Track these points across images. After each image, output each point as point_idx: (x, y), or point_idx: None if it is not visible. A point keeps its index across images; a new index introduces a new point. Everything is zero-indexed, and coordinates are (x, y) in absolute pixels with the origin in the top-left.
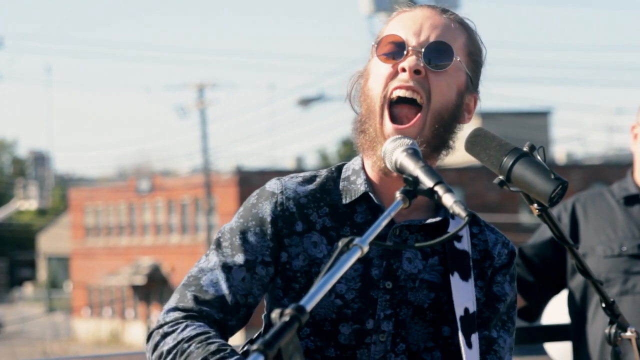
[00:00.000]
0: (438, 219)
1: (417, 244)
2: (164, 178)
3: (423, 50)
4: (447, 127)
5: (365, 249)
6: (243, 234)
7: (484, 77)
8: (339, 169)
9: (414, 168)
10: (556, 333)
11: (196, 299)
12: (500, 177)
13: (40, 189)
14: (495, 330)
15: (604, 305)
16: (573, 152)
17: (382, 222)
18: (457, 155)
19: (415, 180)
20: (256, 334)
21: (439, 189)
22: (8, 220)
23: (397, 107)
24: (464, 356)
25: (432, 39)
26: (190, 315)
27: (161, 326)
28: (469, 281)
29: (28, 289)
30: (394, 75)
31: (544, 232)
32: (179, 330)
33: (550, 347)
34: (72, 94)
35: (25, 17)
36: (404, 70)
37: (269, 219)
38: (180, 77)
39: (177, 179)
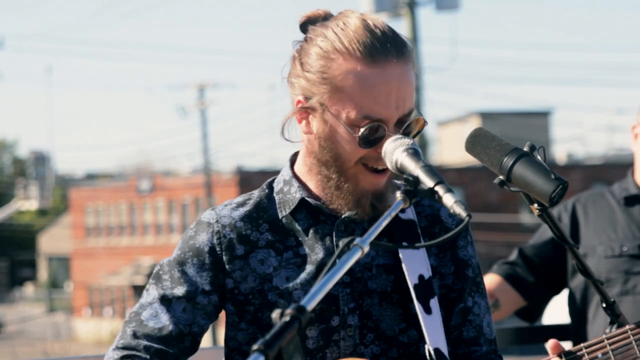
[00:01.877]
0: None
1: (417, 244)
2: (165, 178)
3: (401, 133)
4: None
5: (366, 249)
6: (181, 265)
7: (484, 78)
8: (270, 184)
9: (414, 168)
10: (556, 333)
11: (135, 334)
12: (501, 177)
13: (41, 189)
14: (470, 298)
15: (604, 305)
16: (573, 152)
17: (383, 222)
18: (458, 156)
19: (416, 180)
20: None
21: (439, 189)
22: (9, 220)
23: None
24: (422, 323)
25: (405, 112)
26: (127, 355)
27: None
28: (420, 249)
29: (29, 289)
30: (366, 152)
31: (545, 232)
32: None
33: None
34: (72, 94)
35: (25, 17)
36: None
37: (206, 249)
38: (181, 77)
39: (177, 179)
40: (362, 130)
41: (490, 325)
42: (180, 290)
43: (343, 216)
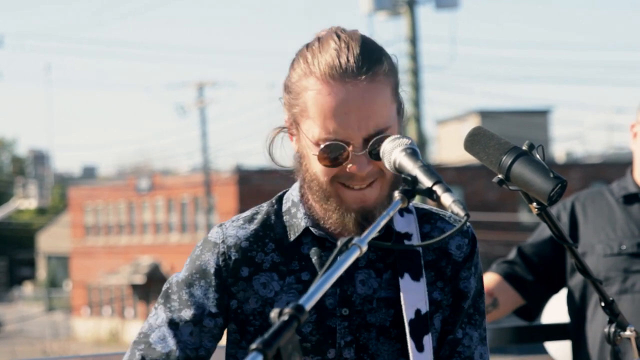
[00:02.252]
0: (381, 233)
1: (417, 244)
2: (164, 177)
3: (366, 151)
4: (398, 178)
5: (364, 248)
6: (189, 287)
7: (484, 77)
8: (280, 200)
9: (412, 167)
10: (556, 332)
11: (143, 358)
12: (500, 175)
13: (40, 187)
14: (460, 330)
15: (603, 304)
16: (572, 151)
17: (381, 222)
18: (457, 154)
19: (414, 180)
20: None
21: (437, 189)
22: (8, 219)
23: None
24: None
25: (371, 131)
26: None
27: None
28: (421, 281)
29: (27, 288)
30: (340, 169)
31: (543, 231)
32: None
33: (550, 345)
34: (72, 92)
35: (25, 16)
36: (352, 171)
37: (212, 270)
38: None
39: (176, 178)
40: (320, 148)
41: (484, 357)
42: (187, 314)
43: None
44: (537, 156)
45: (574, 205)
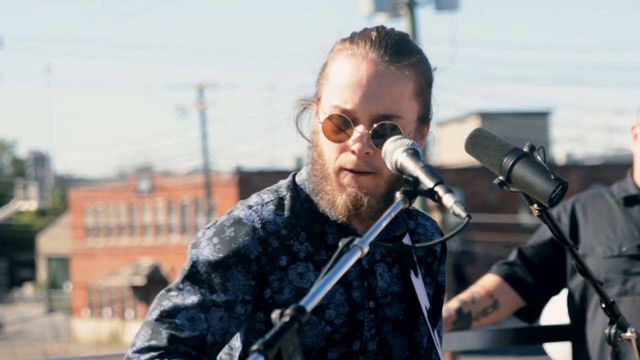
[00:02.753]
0: (403, 230)
1: (417, 245)
2: (164, 178)
3: (370, 132)
4: (399, 180)
5: (366, 249)
6: (224, 270)
7: (484, 78)
8: (295, 184)
9: (414, 168)
10: (555, 333)
11: (171, 337)
12: (500, 177)
13: (40, 189)
14: (439, 321)
15: (603, 305)
16: (573, 153)
17: (383, 223)
18: (457, 156)
19: (416, 181)
20: None
21: (439, 190)
22: (8, 220)
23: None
24: (439, 353)
25: (380, 111)
26: (165, 354)
27: None
28: (419, 277)
29: (28, 289)
30: (342, 149)
31: (544, 233)
32: None
33: (549, 347)
34: (72, 94)
35: (25, 17)
36: (352, 152)
37: (252, 256)
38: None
39: (177, 179)
40: (327, 116)
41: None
42: (220, 298)
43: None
44: (538, 158)
45: (574, 207)
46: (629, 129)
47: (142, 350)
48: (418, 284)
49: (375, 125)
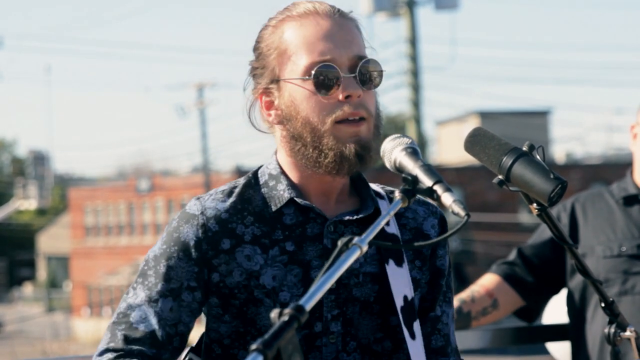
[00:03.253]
0: (370, 211)
1: (416, 244)
2: (164, 178)
3: (357, 75)
4: (379, 134)
5: (365, 248)
6: (167, 260)
7: (484, 78)
8: (255, 175)
9: (413, 167)
10: (555, 333)
11: (126, 338)
12: (500, 176)
13: (40, 188)
14: (438, 307)
15: (603, 305)
16: (572, 152)
17: (381, 222)
18: (457, 155)
19: (415, 180)
20: (186, 352)
21: (438, 188)
22: (8, 219)
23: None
24: (409, 349)
25: (355, 53)
26: (121, 355)
27: None
28: (403, 266)
29: (27, 288)
30: (333, 103)
31: (543, 232)
32: None
33: (551, 346)
34: (72, 93)
35: (25, 17)
36: (345, 98)
37: (191, 242)
38: (180, 77)
39: (176, 179)
40: (313, 73)
41: (454, 335)
42: (165, 287)
43: (334, 218)
44: (538, 157)
45: (574, 206)
46: (629, 128)
47: (101, 354)
48: (399, 273)
49: (358, 67)
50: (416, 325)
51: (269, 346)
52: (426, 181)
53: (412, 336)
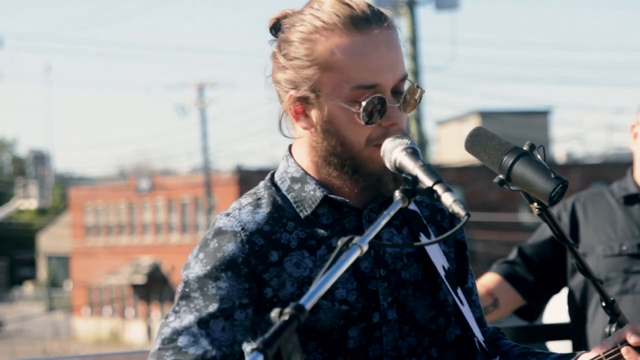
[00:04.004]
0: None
1: (416, 243)
2: (164, 177)
3: (401, 104)
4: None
5: (365, 247)
6: (215, 281)
7: (484, 77)
8: (273, 182)
9: (413, 167)
10: (556, 332)
11: None
12: (500, 176)
13: (40, 188)
14: (470, 278)
15: (604, 304)
16: (573, 151)
17: (382, 221)
18: (457, 155)
19: (415, 180)
20: None
21: (438, 188)
22: (8, 219)
23: None
24: (464, 314)
25: (398, 77)
26: None
27: None
28: (431, 237)
29: (28, 288)
30: (373, 130)
31: (544, 232)
32: None
33: (552, 345)
34: (72, 93)
35: (25, 17)
36: (388, 126)
37: (239, 260)
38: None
39: (177, 178)
40: (363, 104)
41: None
42: (216, 308)
43: (368, 207)
44: (538, 156)
45: (575, 205)
46: (629, 128)
47: None
48: (432, 246)
49: (403, 94)
50: (460, 292)
51: (269, 345)
52: (426, 181)
53: (461, 302)
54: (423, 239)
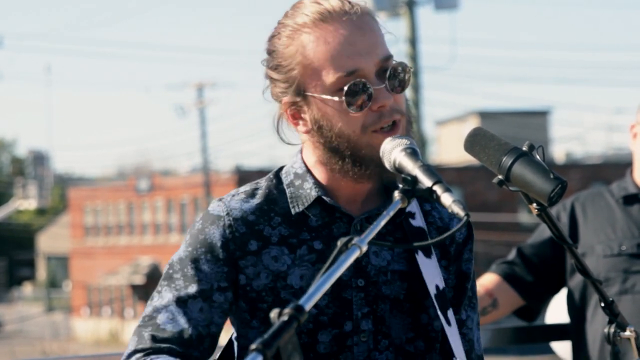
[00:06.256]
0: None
1: (415, 244)
2: (164, 177)
3: (386, 84)
4: (411, 128)
5: (364, 248)
6: (194, 262)
7: (484, 77)
8: (277, 175)
9: (412, 167)
10: (555, 332)
11: (154, 338)
12: (500, 176)
13: (40, 188)
14: (464, 311)
15: (603, 304)
16: (572, 152)
17: (381, 222)
18: (457, 155)
19: (414, 180)
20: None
21: (437, 189)
22: (7, 219)
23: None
24: (447, 335)
25: (380, 57)
26: (149, 353)
27: None
28: (432, 258)
29: (27, 288)
30: (365, 116)
31: (543, 232)
32: None
33: (556, 345)
34: (72, 93)
35: (25, 17)
36: (379, 108)
37: (219, 243)
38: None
39: (176, 179)
40: (345, 89)
41: (479, 341)
42: (195, 289)
43: (360, 216)
44: (537, 157)
45: (574, 206)
46: (629, 128)
47: (129, 356)
48: (428, 264)
49: (387, 73)
50: (450, 314)
51: (268, 346)
52: (426, 181)
53: (448, 323)
54: (420, 257)
